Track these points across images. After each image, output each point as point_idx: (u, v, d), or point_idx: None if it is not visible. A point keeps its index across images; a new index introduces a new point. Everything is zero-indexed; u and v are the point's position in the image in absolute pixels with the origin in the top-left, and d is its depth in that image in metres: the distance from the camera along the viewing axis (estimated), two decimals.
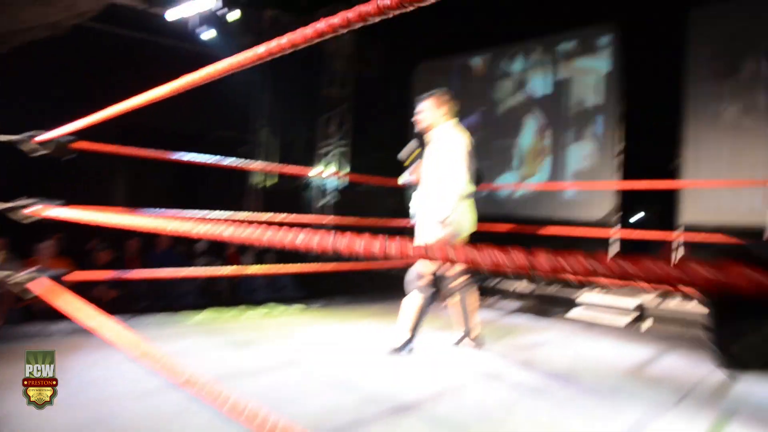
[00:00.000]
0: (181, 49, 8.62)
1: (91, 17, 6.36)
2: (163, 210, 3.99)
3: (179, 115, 8.74)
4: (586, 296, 5.40)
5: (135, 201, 5.16)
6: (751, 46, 5.64)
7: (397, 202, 5.39)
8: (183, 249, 8.29)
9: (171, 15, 7.50)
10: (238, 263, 7.77)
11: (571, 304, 5.46)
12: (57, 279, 2.02)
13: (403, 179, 3.54)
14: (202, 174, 8.53)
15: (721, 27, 5.82)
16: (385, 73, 9.24)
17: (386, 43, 9.28)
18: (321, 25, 1.37)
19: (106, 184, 8.24)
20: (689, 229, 5.65)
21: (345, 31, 1.28)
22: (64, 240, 5.52)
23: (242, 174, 10.39)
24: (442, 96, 3.38)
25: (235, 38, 7.78)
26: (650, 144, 6.49)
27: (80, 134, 3.01)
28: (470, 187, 3.30)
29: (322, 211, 9.82)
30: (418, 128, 3.39)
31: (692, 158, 5.85)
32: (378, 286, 5.69)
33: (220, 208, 4.48)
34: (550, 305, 5.60)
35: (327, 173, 9.89)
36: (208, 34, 7.97)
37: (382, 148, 8.54)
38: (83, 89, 6.58)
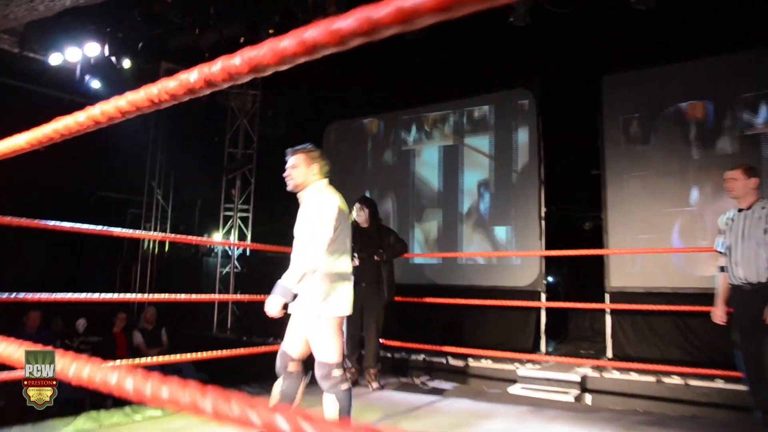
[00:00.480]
0: (62, 99, 7.71)
1: None
2: (30, 294, 3.16)
3: (58, 170, 7.72)
4: (523, 371, 5.04)
5: None
6: (660, 112, 5.82)
7: None
8: (59, 327, 7.11)
9: (53, 60, 6.64)
10: (126, 344, 6.71)
11: (509, 380, 5.07)
12: None
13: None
14: (83, 238, 7.43)
15: (632, 94, 5.98)
16: (292, 133, 8.76)
17: (294, 102, 8.89)
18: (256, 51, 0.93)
19: None
20: (618, 293, 5.56)
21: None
22: None
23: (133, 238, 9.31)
24: (312, 152, 2.86)
25: (127, 89, 6.97)
26: (573, 208, 6.48)
27: None
28: (340, 261, 2.79)
29: (224, 280, 8.94)
30: (288, 187, 2.87)
31: (614, 222, 5.84)
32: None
33: (106, 280, 3.69)
34: (487, 382, 5.18)
35: (228, 241, 9.09)
36: (95, 84, 7.12)
37: (288, 212, 7.95)
38: None
